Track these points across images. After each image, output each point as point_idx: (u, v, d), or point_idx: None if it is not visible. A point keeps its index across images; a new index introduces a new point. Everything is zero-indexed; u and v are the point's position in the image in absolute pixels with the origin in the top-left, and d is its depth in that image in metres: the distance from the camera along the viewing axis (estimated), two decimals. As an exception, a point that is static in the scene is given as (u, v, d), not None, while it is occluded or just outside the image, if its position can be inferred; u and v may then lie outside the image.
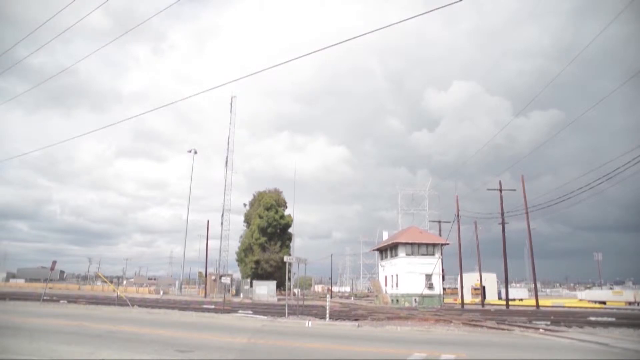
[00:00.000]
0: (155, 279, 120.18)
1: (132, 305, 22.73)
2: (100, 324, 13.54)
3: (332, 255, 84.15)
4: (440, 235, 48.96)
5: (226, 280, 33.51)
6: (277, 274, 53.14)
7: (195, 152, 60.03)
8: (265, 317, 17.73)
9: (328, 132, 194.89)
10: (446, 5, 9.46)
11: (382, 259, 51.10)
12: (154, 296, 50.90)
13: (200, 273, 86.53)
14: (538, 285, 45.75)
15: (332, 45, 11.03)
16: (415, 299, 40.39)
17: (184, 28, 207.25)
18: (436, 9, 9.90)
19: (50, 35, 18.26)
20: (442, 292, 42.90)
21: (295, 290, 36.96)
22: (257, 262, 57.28)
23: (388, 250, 47.92)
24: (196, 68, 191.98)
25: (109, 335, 11.42)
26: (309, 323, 15.60)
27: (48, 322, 14.34)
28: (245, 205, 68.51)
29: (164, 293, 59.17)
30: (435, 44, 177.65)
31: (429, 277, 41.24)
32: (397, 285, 43.66)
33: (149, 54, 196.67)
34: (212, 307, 24.65)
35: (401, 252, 42.99)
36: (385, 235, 54.63)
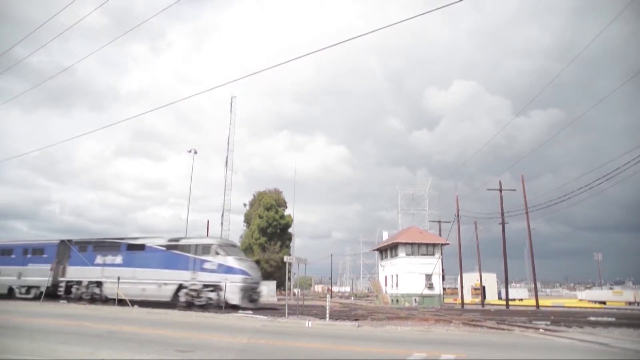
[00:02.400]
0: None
1: (132, 305, 22.73)
2: (100, 324, 13.54)
3: (332, 255, 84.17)
4: (440, 235, 48.97)
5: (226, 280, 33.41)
6: (277, 274, 53.17)
7: (195, 152, 59.79)
8: (265, 317, 17.73)
9: (328, 132, 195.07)
10: (446, 5, 9.47)
11: (382, 259, 51.13)
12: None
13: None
14: (538, 285, 45.75)
15: (332, 45, 11.06)
16: (415, 299, 40.40)
17: (183, 27, 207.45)
18: (436, 9, 9.91)
19: (46, 34, 18.27)
20: (442, 292, 42.93)
21: (295, 290, 36.96)
22: (257, 262, 57.26)
23: (388, 250, 47.94)
24: (196, 68, 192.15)
25: (109, 335, 11.42)
26: (309, 323, 15.59)
27: (48, 322, 14.34)
28: (245, 205, 68.56)
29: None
30: (436, 43, 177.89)
31: (429, 277, 41.26)
32: (397, 285, 43.68)
33: (147, 53, 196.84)
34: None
35: (401, 252, 43.00)
36: (385, 235, 54.66)
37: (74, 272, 25.68)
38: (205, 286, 21.35)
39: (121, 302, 22.84)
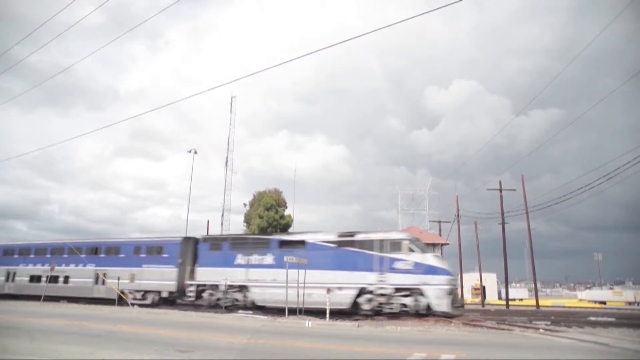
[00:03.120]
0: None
1: (132, 305, 22.73)
2: (100, 324, 13.55)
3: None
4: (440, 235, 48.96)
5: (226, 280, 33.45)
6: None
7: (195, 152, 59.93)
8: (265, 317, 17.74)
9: (328, 131, 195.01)
10: (446, 5, 9.47)
11: (382, 259, 51.03)
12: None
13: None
14: (538, 285, 45.73)
15: (332, 45, 11.08)
16: (415, 299, 40.34)
17: (183, 27, 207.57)
18: (436, 8, 9.91)
19: (43, 33, 18.30)
20: (442, 292, 42.83)
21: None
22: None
23: (388, 250, 47.88)
24: (196, 67, 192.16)
25: (109, 335, 11.43)
26: (309, 323, 15.60)
27: (48, 322, 14.34)
28: (245, 205, 68.57)
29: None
30: (436, 42, 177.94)
31: (429, 277, 41.19)
32: (397, 285, 43.63)
33: (147, 52, 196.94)
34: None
35: (401, 252, 42.95)
36: (385, 235, 54.40)
37: (207, 275, 22.03)
38: (397, 290, 18.06)
39: (121, 302, 22.83)
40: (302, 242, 20.69)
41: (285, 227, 61.66)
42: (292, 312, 18.29)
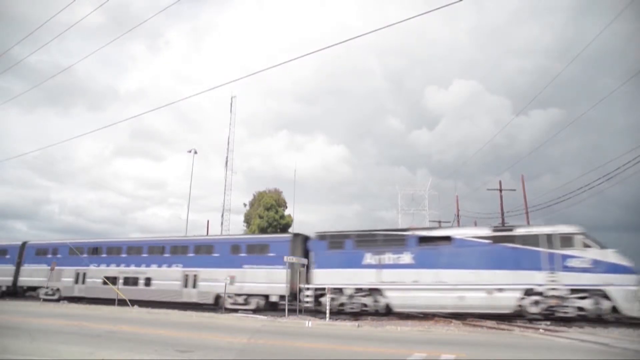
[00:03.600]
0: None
1: (132, 305, 22.73)
2: (100, 324, 13.57)
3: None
4: (440, 235, 48.88)
5: (226, 280, 33.45)
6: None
7: (195, 152, 59.91)
8: (265, 317, 17.75)
9: (328, 131, 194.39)
10: (447, 5, 9.47)
11: (382, 259, 50.93)
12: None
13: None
14: (538, 285, 45.71)
15: (332, 45, 11.11)
16: (415, 299, 40.24)
17: (183, 27, 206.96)
18: (436, 8, 9.91)
19: (43, 33, 18.32)
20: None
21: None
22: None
23: (388, 250, 47.77)
24: (196, 67, 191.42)
25: (109, 335, 11.44)
26: (309, 323, 15.61)
27: (48, 322, 14.36)
28: (245, 205, 68.61)
29: (164, 293, 59.11)
30: (436, 42, 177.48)
31: (429, 277, 41.11)
32: (397, 285, 43.51)
33: (146, 52, 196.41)
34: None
35: (401, 252, 42.85)
36: (385, 235, 54.36)
37: (326, 277, 19.17)
38: (572, 291, 15.93)
39: (121, 302, 22.82)
40: (447, 238, 18.26)
41: (285, 227, 61.66)
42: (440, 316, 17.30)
